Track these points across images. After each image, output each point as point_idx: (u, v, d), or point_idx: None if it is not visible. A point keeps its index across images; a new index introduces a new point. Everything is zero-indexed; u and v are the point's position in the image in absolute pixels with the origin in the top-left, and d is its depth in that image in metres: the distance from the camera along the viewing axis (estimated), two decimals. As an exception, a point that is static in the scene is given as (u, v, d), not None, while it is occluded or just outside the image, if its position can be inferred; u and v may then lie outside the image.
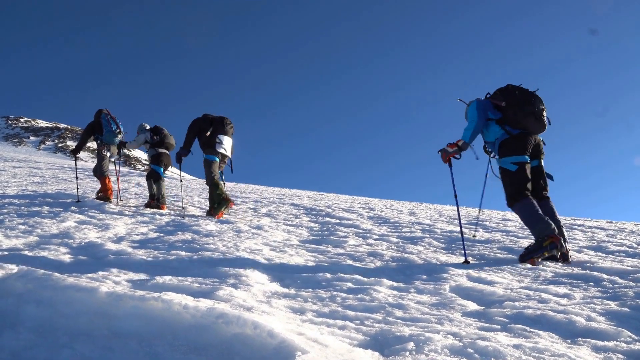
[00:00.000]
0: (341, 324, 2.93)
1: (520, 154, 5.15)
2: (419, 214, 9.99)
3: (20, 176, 17.88)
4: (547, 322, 3.02)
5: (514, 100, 5.18)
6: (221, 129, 8.36)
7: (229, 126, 8.49)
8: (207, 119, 8.45)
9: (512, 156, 5.16)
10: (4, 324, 2.76)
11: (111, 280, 3.69)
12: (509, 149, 5.18)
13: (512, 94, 5.24)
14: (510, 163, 5.16)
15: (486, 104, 5.32)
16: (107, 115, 9.85)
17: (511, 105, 5.18)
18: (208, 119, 8.44)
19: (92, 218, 7.37)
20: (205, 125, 8.40)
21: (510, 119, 5.20)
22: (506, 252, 5.48)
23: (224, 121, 8.46)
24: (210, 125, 8.40)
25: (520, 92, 5.23)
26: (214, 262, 4.52)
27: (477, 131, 5.29)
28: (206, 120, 8.44)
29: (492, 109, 5.31)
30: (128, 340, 2.56)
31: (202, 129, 8.40)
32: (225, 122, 8.47)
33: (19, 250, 4.76)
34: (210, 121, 8.43)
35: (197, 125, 8.41)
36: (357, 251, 5.36)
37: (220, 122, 8.42)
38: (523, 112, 5.13)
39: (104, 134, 9.79)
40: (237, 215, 8.56)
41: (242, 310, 2.80)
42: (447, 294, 3.70)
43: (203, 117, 8.49)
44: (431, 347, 2.48)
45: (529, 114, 5.13)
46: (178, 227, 6.72)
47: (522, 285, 3.97)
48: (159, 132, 9.96)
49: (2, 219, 7.04)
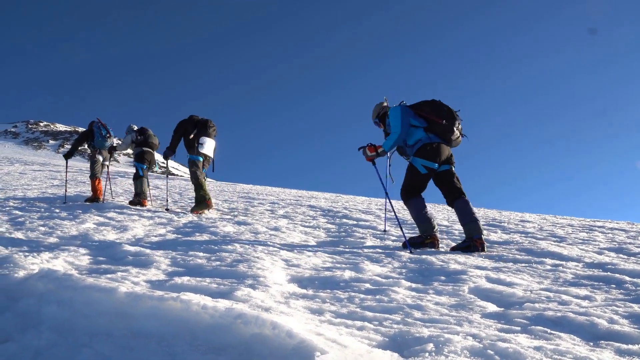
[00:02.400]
0: (360, 324, 2.92)
1: (432, 161, 5.75)
2: (436, 215, 9.93)
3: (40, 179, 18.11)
4: (568, 324, 2.98)
5: (444, 116, 5.81)
6: (204, 132, 8.89)
7: (211, 129, 9.02)
8: (192, 121, 9.03)
9: (425, 160, 5.74)
10: (27, 323, 2.79)
11: (130, 281, 3.71)
12: (426, 153, 5.76)
13: (442, 110, 5.84)
14: (421, 165, 5.76)
15: (409, 113, 5.88)
16: (98, 123, 10.86)
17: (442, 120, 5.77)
18: (193, 121, 9.03)
19: (110, 220, 7.43)
20: (189, 127, 8.99)
21: (436, 130, 5.82)
22: (525, 254, 5.42)
23: (207, 124, 8.99)
24: (194, 127, 8.99)
25: (448, 110, 5.86)
26: (232, 263, 4.52)
27: (398, 142, 5.88)
28: (191, 123, 9.02)
29: (414, 117, 5.89)
30: (147, 340, 2.58)
31: (187, 131, 8.98)
32: (209, 125, 9.00)
33: (40, 252, 4.80)
34: (195, 123, 9.02)
35: (182, 128, 8.99)
36: (375, 252, 5.33)
37: (204, 124, 8.96)
38: (449, 128, 5.79)
39: (95, 140, 10.86)
40: (255, 217, 8.58)
41: (261, 311, 2.80)
42: (466, 295, 3.67)
43: (189, 119, 9.07)
44: (451, 349, 2.46)
45: (453, 130, 5.82)
46: (196, 229, 6.75)
47: (541, 287, 3.92)
48: (143, 132, 10.75)
49: (23, 220, 7.12)
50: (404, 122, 5.79)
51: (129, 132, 10.88)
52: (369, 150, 6.18)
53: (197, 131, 8.92)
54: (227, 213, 9.30)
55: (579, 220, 9.74)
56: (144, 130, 10.78)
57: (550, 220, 9.47)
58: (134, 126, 10.92)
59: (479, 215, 5.80)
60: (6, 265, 3.99)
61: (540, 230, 7.64)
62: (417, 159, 5.79)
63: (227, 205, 10.81)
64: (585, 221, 9.54)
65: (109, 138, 10.87)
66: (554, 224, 8.76)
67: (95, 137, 10.85)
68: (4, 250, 4.81)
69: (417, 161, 5.78)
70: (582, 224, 8.71)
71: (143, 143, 10.68)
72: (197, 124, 9.01)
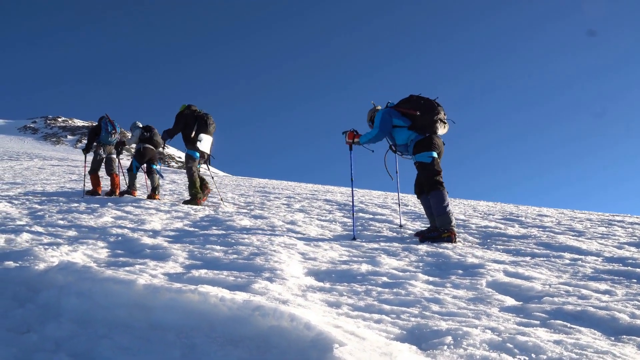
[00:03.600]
0: (377, 317, 2.91)
1: (431, 150, 6.02)
2: (453, 209, 9.88)
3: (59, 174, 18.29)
4: (588, 319, 2.95)
5: (423, 109, 6.07)
6: (204, 129, 9.28)
7: (211, 126, 9.43)
8: (192, 115, 9.33)
9: (425, 152, 6.02)
10: (47, 314, 2.82)
11: (148, 274, 3.73)
12: (423, 146, 6.04)
13: (419, 103, 6.13)
14: (426, 157, 6.01)
15: (391, 113, 6.21)
16: (106, 119, 11.28)
17: (422, 112, 6.05)
18: (193, 116, 9.32)
19: (128, 214, 7.48)
20: (190, 121, 9.29)
21: (419, 125, 6.09)
22: (543, 248, 5.37)
23: (208, 121, 9.36)
24: (195, 121, 9.29)
25: (425, 101, 6.14)
26: (249, 256, 4.53)
27: (373, 141, 6.33)
28: (191, 116, 9.31)
29: (399, 117, 6.20)
30: (165, 332, 2.59)
31: (188, 125, 9.27)
32: (209, 122, 9.38)
33: (59, 245, 4.85)
34: (195, 118, 9.31)
35: (183, 121, 9.29)
36: (392, 246, 5.32)
37: (205, 121, 9.32)
38: (431, 119, 6.04)
39: (101, 135, 11.26)
40: (271, 211, 8.60)
41: (278, 304, 2.80)
42: (483, 289, 3.65)
43: (190, 113, 9.35)
44: (469, 342, 2.44)
45: (436, 120, 6.06)
46: (213, 223, 6.77)
47: (560, 281, 3.89)
48: (150, 130, 11.11)
49: (42, 214, 7.20)
50: (382, 123, 6.18)
51: (134, 128, 11.27)
52: (348, 135, 6.61)
53: (198, 127, 9.27)
54: (243, 207, 9.33)
55: (598, 215, 9.63)
56: (150, 128, 11.17)
57: (568, 215, 9.38)
58: (138, 123, 11.32)
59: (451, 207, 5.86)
60: (27, 257, 4.04)
61: (558, 224, 7.57)
62: (418, 155, 6.07)
63: (244, 200, 10.84)
64: (604, 215, 9.43)
65: (114, 134, 11.29)
66: (572, 218, 8.67)
67: (102, 133, 11.27)
68: (25, 243, 4.87)
69: (419, 156, 6.06)
70: (601, 219, 8.61)
71: (148, 140, 11.03)
72: (197, 118, 9.33)
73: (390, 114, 6.22)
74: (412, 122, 6.13)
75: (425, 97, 6.19)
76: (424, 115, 6.05)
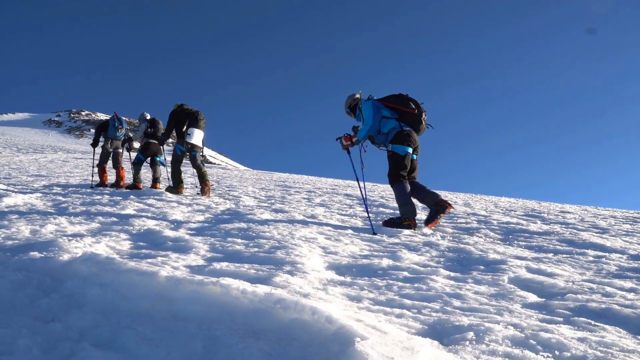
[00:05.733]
0: (398, 312, 2.90)
1: (407, 146, 6.46)
2: (474, 205, 9.82)
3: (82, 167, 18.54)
4: (613, 317, 2.91)
5: (410, 108, 6.55)
6: (194, 124, 9.85)
7: (201, 121, 9.99)
8: (183, 113, 9.95)
9: (402, 145, 6.44)
10: (72, 304, 2.86)
11: (170, 266, 3.76)
12: (402, 139, 6.46)
13: (408, 103, 6.57)
14: (401, 149, 6.42)
15: (379, 106, 6.59)
16: (114, 116, 11.92)
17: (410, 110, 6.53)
18: (184, 113, 9.94)
19: (150, 207, 7.55)
20: (182, 118, 9.91)
21: (407, 119, 6.55)
22: (566, 244, 5.31)
23: (198, 117, 9.93)
24: (186, 118, 9.90)
25: (414, 102, 6.59)
26: (270, 249, 4.55)
27: (370, 132, 6.59)
28: (183, 114, 9.93)
29: (385, 109, 6.61)
30: (187, 323, 2.61)
31: (180, 122, 9.90)
32: (199, 117, 9.94)
33: (83, 236, 4.91)
34: (187, 115, 9.92)
35: (175, 119, 9.92)
36: (412, 241, 5.30)
37: (195, 117, 9.89)
38: (418, 118, 6.55)
39: (109, 130, 11.94)
40: (291, 205, 8.61)
41: (299, 297, 2.81)
42: (505, 285, 3.62)
43: (180, 111, 9.97)
44: (492, 338, 2.43)
45: (420, 120, 6.57)
46: (234, 216, 6.81)
47: (584, 278, 3.84)
48: (155, 125, 11.55)
49: (66, 206, 7.30)
50: (375, 115, 6.52)
51: (142, 119, 11.63)
52: (344, 140, 6.82)
53: (188, 123, 9.85)
54: (264, 201, 9.36)
55: (622, 212, 9.49)
56: (156, 123, 11.53)
57: (591, 212, 9.26)
58: (146, 115, 11.66)
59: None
60: (51, 248, 4.09)
61: (581, 221, 7.47)
62: (395, 146, 6.46)
63: (264, 194, 10.88)
64: (628, 213, 9.30)
65: (120, 129, 11.87)
66: (595, 215, 8.56)
67: (109, 128, 11.92)
68: (49, 235, 4.94)
69: (395, 147, 6.45)
70: (625, 216, 8.49)
71: (152, 135, 11.47)
72: (188, 115, 9.92)
73: (378, 106, 6.59)
74: (401, 115, 6.58)
75: (413, 99, 6.63)
76: (414, 114, 6.54)
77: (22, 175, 13.98)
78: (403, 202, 6.33)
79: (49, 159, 24.38)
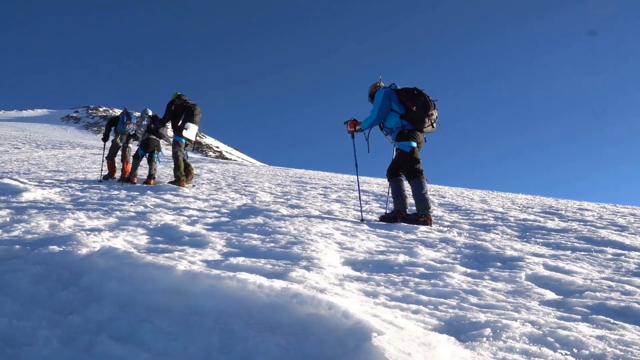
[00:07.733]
0: (415, 308, 2.90)
1: (412, 141, 6.55)
2: (491, 202, 9.75)
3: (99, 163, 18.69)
4: (632, 315, 2.88)
5: (419, 105, 6.53)
6: (190, 118, 10.10)
7: (197, 116, 10.20)
8: (181, 105, 10.19)
9: (407, 141, 6.54)
10: (90, 297, 2.89)
11: (187, 260, 3.78)
12: (405, 137, 6.57)
13: (419, 99, 6.56)
14: (406, 145, 6.54)
15: (392, 97, 6.65)
16: (124, 112, 12.41)
17: (417, 108, 6.52)
18: (182, 106, 10.18)
19: (167, 202, 7.61)
20: (179, 110, 10.17)
21: (410, 117, 6.55)
22: (584, 242, 5.26)
23: (195, 111, 10.13)
24: (183, 111, 10.15)
25: (424, 99, 6.57)
26: (286, 245, 4.56)
27: (374, 124, 6.77)
28: (180, 106, 10.18)
29: (397, 102, 6.64)
30: (204, 317, 2.62)
31: (176, 114, 10.17)
32: (195, 112, 10.14)
33: (100, 230, 4.96)
34: (184, 108, 10.15)
35: (173, 110, 10.19)
36: (429, 237, 5.28)
37: (192, 111, 10.11)
38: (423, 117, 6.54)
39: (118, 125, 12.47)
40: (308, 201, 8.62)
41: (316, 292, 2.81)
42: (523, 282, 3.59)
43: (179, 103, 10.22)
44: (509, 334, 2.41)
45: (422, 120, 6.55)
46: (250, 211, 6.83)
47: (602, 276, 3.80)
48: (156, 121, 11.75)
49: (84, 201, 7.37)
50: (382, 108, 6.64)
51: (144, 114, 11.94)
52: (350, 125, 7.09)
53: (185, 116, 10.10)
54: (280, 197, 9.38)
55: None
56: (157, 120, 11.74)
57: (610, 209, 9.16)
58: (149, 111, 11.98)
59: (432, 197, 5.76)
60: (70, 242, 4.14)
61: (599, 218, 7.40)
62: (400, 143, 6.62)
63: (280, 189, 10.90)
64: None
65: (128, 124, 12.38)
66: (614, 212, 8.47)
67: (118, 123, 12.47)
68: (68, 229, 5.00)
69: (401, 144, 6.60)
70: None
71: (154, 132, 11.77)
72: (185, 108, 10.14)
73: (390, 97, 6.67)
74: (406, 112, 6.60)
75: (426, 95, 6.61)
76: (418, 111, 6.54)
77: (41, 170, 14.14)
78: (419, 198, 6.35)
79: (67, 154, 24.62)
